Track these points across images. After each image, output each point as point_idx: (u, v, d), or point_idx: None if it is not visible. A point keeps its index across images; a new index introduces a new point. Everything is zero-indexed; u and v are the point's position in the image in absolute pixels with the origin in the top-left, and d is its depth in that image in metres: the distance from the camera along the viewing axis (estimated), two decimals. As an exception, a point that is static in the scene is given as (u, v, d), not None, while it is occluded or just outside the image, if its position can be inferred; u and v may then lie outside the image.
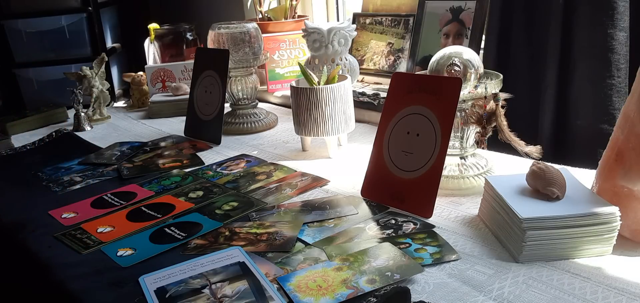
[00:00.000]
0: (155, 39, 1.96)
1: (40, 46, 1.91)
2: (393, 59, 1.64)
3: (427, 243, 0.82)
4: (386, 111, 1.01)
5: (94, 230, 0.96)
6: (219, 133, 1.40)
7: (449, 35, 1.43)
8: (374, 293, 0.70)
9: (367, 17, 1.73)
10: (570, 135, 1.15)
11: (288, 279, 0.74)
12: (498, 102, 0.95)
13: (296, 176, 1.14)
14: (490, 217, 0.86)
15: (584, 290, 0.68)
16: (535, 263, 0.74)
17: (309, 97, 1.18)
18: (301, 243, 0.85)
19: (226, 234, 0.90)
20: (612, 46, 1.05)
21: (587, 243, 0.75)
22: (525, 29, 1.20)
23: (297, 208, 0.98)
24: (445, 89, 0.92)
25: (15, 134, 1.64)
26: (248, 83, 1.50)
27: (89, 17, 1.92)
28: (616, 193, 0.78)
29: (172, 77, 1.84)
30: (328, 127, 1.20)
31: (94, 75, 1.70)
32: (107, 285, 0.79)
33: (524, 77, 1.22)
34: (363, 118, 1.48)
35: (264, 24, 1.73)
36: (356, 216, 0.93)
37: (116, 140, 1.49)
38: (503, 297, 0.68)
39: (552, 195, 0.78)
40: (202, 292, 0.72)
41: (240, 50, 1.46)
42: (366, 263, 0.76)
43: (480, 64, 0.98)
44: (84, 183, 1.20)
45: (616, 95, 1.07)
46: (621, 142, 0.77)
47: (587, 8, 1.08)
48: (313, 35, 1.48)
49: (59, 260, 0.87)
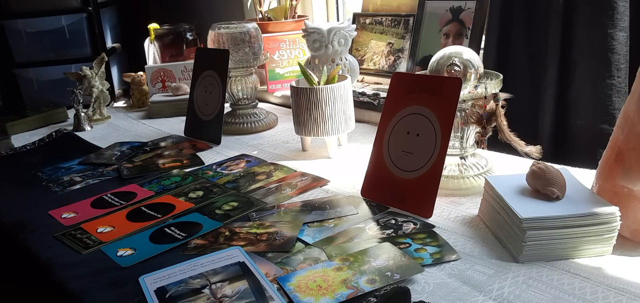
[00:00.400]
0: (155, 39, 1.96)
1: (40, 46, 1.91)
2: (393, 59, 1.64)
3: (427, 243, 0.82)
4: (386, 111, 1.01)
5: (94, 230, 0.96)
6: (219, 133, 1.40)
7: (449, 35, 1.43)
8: (374, 293, 0.70)
9: (367, 17, 1.73)
10: (570, 135, 1.15)
11: (288, 279, 0.74)
12: (498, 102, 0.95)
13: (296, 176, 1.14)
14: (490, 217, 0.86)
15: (584, 290, 0.68)
16: (535, 263, 0.74)
17: (309, 97, 1.18)
18: (301, 243, 0.85)
19: (226, 234, 0.90)
20: (612, 46, 1.05)
21: (587, 243, 0.75)
22: (525, 29, 1.20)
23: (297, 208, 0.98)
24: (445, 89, 0.92)
25: (15, 134, 1.64)
26: (248, 83, 1.50)
27: (89, 17, 1.92)
28: (616, 193, 0.78)
29: (172, 77, 1.84)
30: (328, 127, 1.20)
31: (94, 75, 1.70)
32: (107, 285, 0.79)
33: (524, 77, 1.22)
34: (363, 118, 1.48)
35: (264, 24, 1.73)
36: (356, 216, 0.93)
37: (116, 140, 1.49)
38: (503, 297, 0.68)
39: (552, 195, 0.78)
40: (202, 292, 0.72)
41: (240, 50, 1.46)
42: (366, 263, 0.76)
43: (480, 64, 0.98)
44: (84, 183, 1.20)
45: (616, 95, 1.07)
46: (621, 142, 0.77)
47: (587, 8, 1.08)
48: (313, 35, 1.48)
49: (59, 260, 0.87)
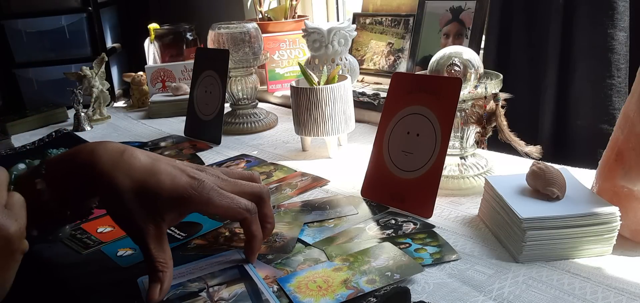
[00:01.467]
0: (155, 39, 1.96)
1: (40, 46, 1.91)
2: (393, 59, 1.64)
3: (427, 243, 0.82)
4: (386, 111, 1.01)
5: (94, 230, 0.96)
6: (219, 133, 1.41)
7: (449, 35, 1.43)
8: (374, 293, 0.70)
9: (367, 17, 1.73)
10: (570, 135, 1.15)
11: (288, 280, 0.74)
12: (498, 102, 0.95)
13: (296, 176, 1.14)
14: (490, 217, 0.86)
15: (584, 290, 0.68)
16: (535, 263, 0.74)
17: (309, 97, 1.18)
18: (301, 243, 0.85)
19: (226, 235, 0.90)
20: (612, 46, 1.05)
21: (587, 243, 0.75)
22: (525, 29, 1.20)
23: (297, 208, 0.98)
24: (445, 89, 0.92)
25: (15, 134, 1.64)
26: (248, 83, 1.50)
27: (89, 17, 1.92)
28: (616, 193, 0.78)
29: (172, 77, 1.84)
30: (328, 127, 1.20)
31: (94, 75, 1.70)
32: (107, 285, 0.79)
33: (524, 77, 1.22)
34: (363, 118, 1.48)
35: (264, 24, 1.73)
36: (356, 216, 0.93)
37: (116, 140, 1.49)
38: (503, 297, 0.68)
39: (552, 195, 0.78)
40: (199, 295, 0.72)
41: (240, 50, 1.46)
42: (366, 263, 0.76)
43: (480, 64, 0.98)
44: (84, 183, 1.20)
45: (616, 95, 1.07)
46: (621, 142, 0.77)
47: (587, 8, 1.08)
48: (313, 35, 1.48)
49: (59, 260, 0.87)
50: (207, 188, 0.68)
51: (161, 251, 0.66)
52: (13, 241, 0.52)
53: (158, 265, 0.66)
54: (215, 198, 0.68)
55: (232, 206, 0.69)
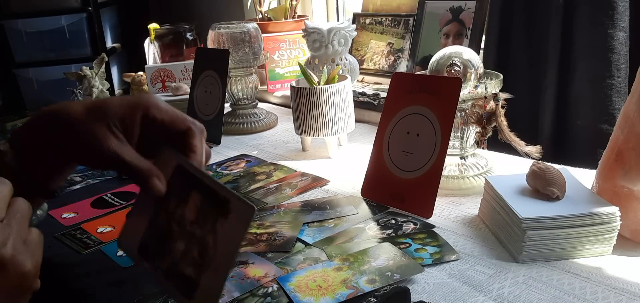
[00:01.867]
0: (155, 39, 1.96)
1: (40, 46, 1.91)
2: (393, 59, 1.64)
3: (427, 243, 0.82)
4: (386, 111, 1.01)
5: (94, 230, 0.96)
6: (219, 133, 1.40)
7: (449, 35, 1.43)
8: (374, 293, 0.70)
9: (367, 17, 1.73)
10: (570, 135, 1.15)
11: (288, 279, 0.74)
12: (498, 102, 0.95)
13: (296, 176, 1.14)
14: (490, 217, 0.86)
15: (584, 290, 0.68)
16: (535, 263, 0.74)
17: (309, 97, 1.18)
18: (301, 243, 0.85)
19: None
20: (612, 46, 1.05)
21: (587, 243, 0.75)
22: (525, 29, 1.20)
23: (297, 208, 0.98)
24: (445, 89, 0.92)
25: (15, 134, 1.64)
26: (248, 83, 1.50)
27: (89, 17, 1.92)
28: (616, 193, 0.78)
29: (172, 77, 1.84)
30: (328, 127, 1.20)
31: (94, 75, 1.70)
32: (107, 285, 0.79)
33: (524, 77, 1.22)
34: (363, 118, 1.48)
35: (264, 24, 1.73)
36: (356, 216, 0.93)
37: (116, 140, 1.48)
38: (503, 297, 0.68)
39: (552, 195, 0.78)
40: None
41: (240, 50, 1.46)
42: (366, 263, 0.76)
43: (480, 64, 0.98)
44: (84, 182, 1.20)
45: (616, 95, 1.07)
46: (621, 142, 0.77)
47: (587, 8, 1.08)
48: (313, 35, 1.48)
49: (59, 260, 0.87)
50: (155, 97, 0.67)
51: (137, 158, 0.62)
52: (28, 278, 0.52)
53: (145, 173, 0.61)
54: (162, 103, 0.66)
55: (180, 114, 0.66)
